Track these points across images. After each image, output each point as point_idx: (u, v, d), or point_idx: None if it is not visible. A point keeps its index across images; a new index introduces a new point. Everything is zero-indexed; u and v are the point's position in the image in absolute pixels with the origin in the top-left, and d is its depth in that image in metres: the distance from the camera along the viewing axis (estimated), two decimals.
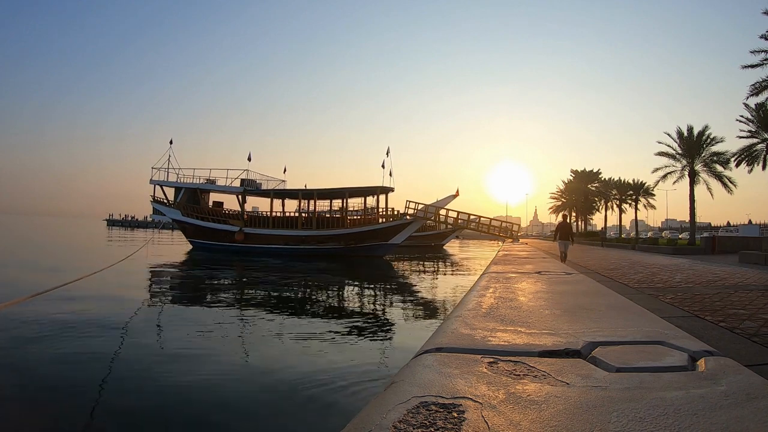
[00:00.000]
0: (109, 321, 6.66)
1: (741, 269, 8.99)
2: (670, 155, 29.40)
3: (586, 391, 1.61)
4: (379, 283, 14.28)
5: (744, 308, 4.16)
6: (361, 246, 24.57)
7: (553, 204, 60.48)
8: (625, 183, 47.31)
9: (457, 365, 1.92)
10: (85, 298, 8.10)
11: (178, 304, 8.98)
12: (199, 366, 4.80)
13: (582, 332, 2.58)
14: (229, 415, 3.59)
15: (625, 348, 2.23)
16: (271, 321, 7.38)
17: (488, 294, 4.45)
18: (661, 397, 1.54)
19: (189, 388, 4.17)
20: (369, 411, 1.46)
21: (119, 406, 3.75)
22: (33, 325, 5.97)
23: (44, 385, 4.17)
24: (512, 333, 2.57)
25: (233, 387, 4.21)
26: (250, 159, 27.67)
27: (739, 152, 25.35)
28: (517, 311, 3.37)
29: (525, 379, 1.76)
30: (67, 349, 5.20)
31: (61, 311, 6.92)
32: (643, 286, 6.08)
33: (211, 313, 7.94)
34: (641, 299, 4.65)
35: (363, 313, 8.72)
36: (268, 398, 3.97)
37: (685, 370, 1.88)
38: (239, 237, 25.39)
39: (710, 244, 21.61)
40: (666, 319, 3.28)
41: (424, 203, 25.51)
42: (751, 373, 1.82)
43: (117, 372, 4.57)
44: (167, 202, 28.06)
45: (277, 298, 10.38)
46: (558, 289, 5.07)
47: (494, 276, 6.61)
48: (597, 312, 3.39)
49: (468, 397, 1.53)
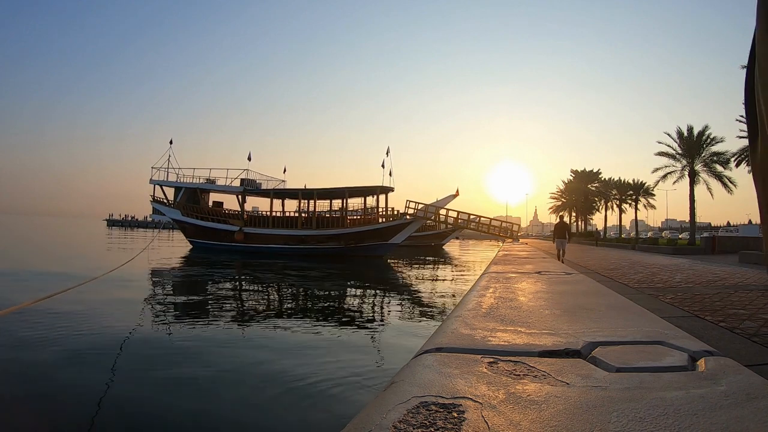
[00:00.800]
0: (109, 324, 6.66)
1: (741, 269, 8.99)
2: (670, 155, 29.45)
3: (586, 391, 1.61)
4: (379, 283, 14.28)
5: (744, 308, 4.17)
6: (360, 246, 24.57)
7: (553, 204, 60.54)
8: (625, 183, 47.34)
9: (457, 365, 1.92)
10: (85, 302, 8.10)
11: (177, 305, 8.97)
12: (199, 366, 4.80)
13: (582, 332, 2.58)
14: (228, 415, 3.59)
15: (625, 348, 2.23)
16: (271, 321, 7.38)
17: (488, 294, 4.45)
18: (661, 397, 1.54)
19: (188, 388, 4.17)
20: (369, 411, 1.46)
21: (119, 407, 3.76)
22: (31, 331, 5.96)
23: (43, 388, 4.17)
24: (512, 333, 2.57)
25: (232, 387, 4.21)
26: (250, 159, 27.71)
27: (739, 152, 25.40)
28: (517, 311, 3.37)
29: (525, 379, 1.76)
30: (67, 352, 5.19)
31: (61, 316, 6.91)
32: (643, 286, 6.08)
33: (210, 313, 7.94)
34: (641, 299, 4.65)
35: (363, 313, 8.72)
36: (268, 398, 3.97)
37: (685, 370, 1.88)
38: (239, 237, 25.39)
39: (710, 244, 21.61)
40: (666, 319, 3.28)
41: (424, 203, 25.53)
42: (751, 373, 1.82)
43: (116, 373, 4.57)
44: (167, 202, 28.06)
45: (277, 298, 10.38)
46: (558, 289, 5.07)
47: (494, 276, 6.61)
48: (597, 312, 3.38)
49: (468, 397, 1.53)
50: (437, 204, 25.49)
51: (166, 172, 27.81)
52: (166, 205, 27.95)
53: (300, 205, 27.57)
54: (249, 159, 27.65)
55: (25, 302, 4.49)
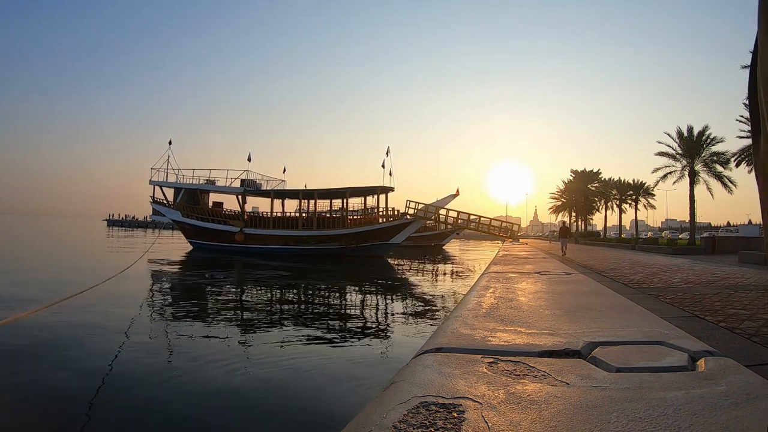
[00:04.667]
0: (108, 327, 6.66)
1: (741, 269, 8.99)
2: (670, 155, 29.40)
3: (586, 391, 1.61)
4: (379, 283, 14.27)
5: (744, 308, 4.16)
6: (361, 246, 24.56)
7: (553, 204, 60.45)
8: (625, 183, 47.29)
9: (457, 365, 1.92)
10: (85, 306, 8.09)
11: (177, 307, 8.97)
12: (198, 367, 4.80)
13: (582, 332, 2.58)
14: (228, 416, 3.59)
15: (625, 348, 2.23)
16: (271, 321, 7.37)
17: (488, 294, 4.45)
18: (661, 397, 1.54)
19: (188, 388, 4.17)
20: (369, 411, 1.46)
21: (118, 407, 3.76)
22: (33, 337, 5.94)
23: (41, 393, 4.17)
24: (512, 333, 2.57)
25: (232, 388, 4.20)
26: (250, 159, 27.68)
27: (739, 152, 25.37)
28: (517, 311, 3.37)
29: (525, 379, 1.76)
30: (66, 357, 5.19)
31: (62, 321, 6.89)
32: (642, 286, 6.07)
33: (210, 314, 7.94)
34: (641, 299, 4.65)
35: (363, 313, 8.72)
36: (268, 399, 3.96)
37: (685, 370, 1.88)
38: (239, 237, 25.38)
39: (710, 244, 21.58)
40: (666, 319, 3.28)
41: (424, 203, 25.52)
42: (751, 373, 1.82)
43: (114, 375, 4.57)
44: (167, 202, 28.03)
45: (277, 299, 10.38)
46: (558, 289, 5.07)
47: (494, 276, 6.61)
48: (597, 312, 3.39)
49: (468, 397, 1.53)
50: (437, 204, 25.48)
51: (166, 173, 27.79)
52: (166, 205, 27.91)
53: (300, 205, 27.55)
54: (249, 159, 27.65)
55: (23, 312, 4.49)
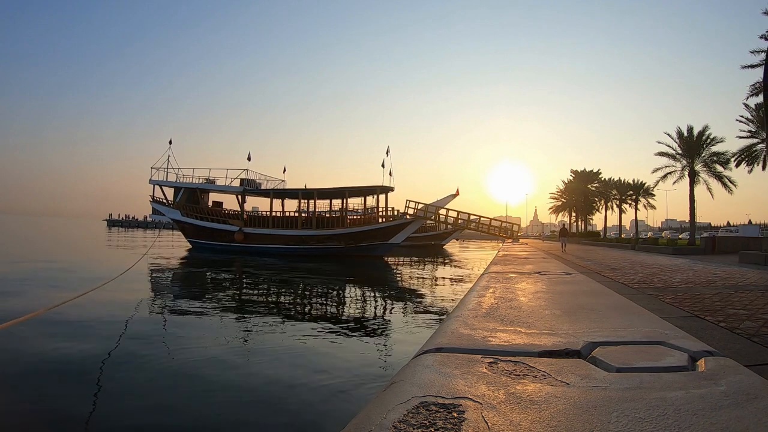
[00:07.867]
0: (108, 328, 6.66)
1: (741, 269, 8.99)
2: (670, 155, 29.38)
3: (586, 391, 1.61)
4: (379, 283, 14.28)
5: (744, 308, 4.16)
6: (361, 246, 24.56)
7: (553, 204, 60.46)
8: (625, 183, 47.28)
9: (457, 365, 1.91)
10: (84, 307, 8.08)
11: (176, 307, 8.97)
12: (198, 367, 4.80)
13: (582, 332, 2.57)
14: (228, 416, 3.59)
15: (625, 348, 2.23)
16: (270, 321, 7.37)
17: (488, 294, 4.44)
18: (661, 398, 1.54)
19: (188, 388, 4.17)
20: (369, 411, 1.46)
21: (118, 407, 3.76)
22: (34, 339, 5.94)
23: (40, 395, 4.17)
24: (512, 333, 2.57)
25: (232, 388, 4.20)
26: (249, 159, 27.71)
27: (739, 152, 25.36)
28: (517, 311, 3.37)
29: (525, 379, 1.76)
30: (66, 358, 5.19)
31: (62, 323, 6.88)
32: (643, 286, 6.07)
33: (209, 315, 7.93)
34: (641, 299, 4.65)
35: (362, 313, 8.72)
36: (268, 399, 3.96)
37: (685, 370, 1.88)
38: (239, 237, 25.38)
39: (710, 244, 21.57)
40: (666, 319, 3.28)
41: (424, 203, 25.52)
42: (751, 373, 1.82)
43: (114, 376, 4.57)
44: (167, 202, 28.05)
45: (276, 299, 10.38)
46: (558, 289, 5.07)
47: (494, 276, 6.61)
48: (597, 312, 3.38)
49: (468, 397, 1.53)
50: (437, 204, 25.48)
51: (166, 173, 27.81)
52: (166, 205, 27.93)
53: (300, 205, 27.55)
54: (249, 159, 27.66)
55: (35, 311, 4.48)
